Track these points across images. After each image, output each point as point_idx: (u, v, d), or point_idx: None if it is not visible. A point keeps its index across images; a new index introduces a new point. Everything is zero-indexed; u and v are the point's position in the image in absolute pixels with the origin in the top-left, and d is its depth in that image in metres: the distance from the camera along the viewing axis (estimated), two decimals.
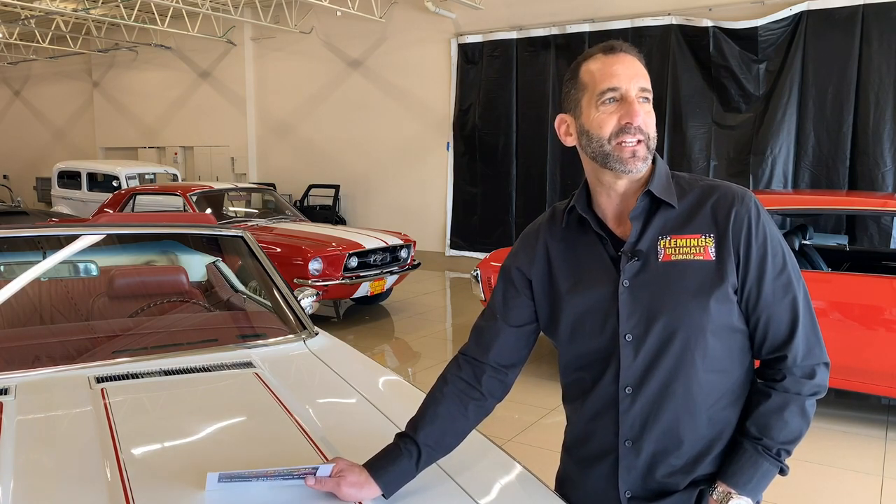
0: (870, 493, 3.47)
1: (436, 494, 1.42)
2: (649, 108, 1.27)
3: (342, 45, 11.62)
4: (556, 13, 9.38)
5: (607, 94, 1.26)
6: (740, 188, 1.31)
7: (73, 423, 1.69)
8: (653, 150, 1.28)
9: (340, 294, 6.83)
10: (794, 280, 1.28)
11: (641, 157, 1.26)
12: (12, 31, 14.60)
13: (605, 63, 1.27)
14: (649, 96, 1.27)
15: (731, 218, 1.26)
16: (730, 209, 1.27)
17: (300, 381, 2.09)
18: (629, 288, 1.29)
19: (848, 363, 3.97)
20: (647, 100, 1.27)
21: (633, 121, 1.24)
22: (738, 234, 1.26)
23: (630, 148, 1.25)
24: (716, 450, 1.31)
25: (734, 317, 1.28)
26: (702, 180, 1.34)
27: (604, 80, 1.26)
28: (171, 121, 14.48)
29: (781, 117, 7.82)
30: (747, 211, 1.27)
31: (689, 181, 1.34)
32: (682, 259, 1.27)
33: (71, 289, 2.76)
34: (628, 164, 1.26)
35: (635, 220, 1.30)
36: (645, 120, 1.25)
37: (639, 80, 1.26)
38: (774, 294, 1.26)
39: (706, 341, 1.26)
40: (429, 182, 10.85)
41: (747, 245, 1.26)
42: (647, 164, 1.28)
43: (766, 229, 1.27)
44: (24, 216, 8.45)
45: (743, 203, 1.27)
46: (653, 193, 1.29)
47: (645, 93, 1.26)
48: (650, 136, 1.26)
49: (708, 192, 1.30)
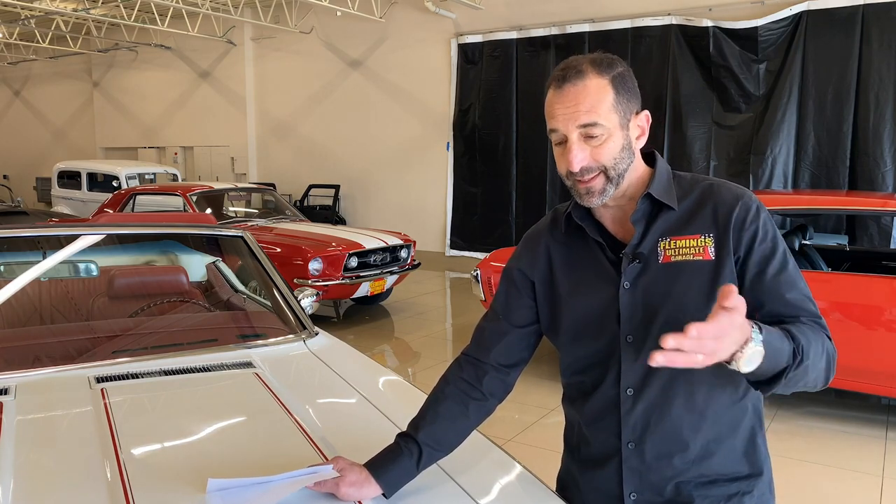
0: (870, 493, 3.46)
1: (436, 495, 1.42)
2: (599, 141, 1.21)
3: (342, 45, 11.62)
4: (556, 13, 9.38)
5: (553, 135, 1.26)
6: (741, 188, 1.30)
7: (73, 423, 1.69)
8: (619, 175, 1.24)
9: (340, 294, 6.83)
10: (796, 279, 1.26)
11: (597, 191, 1.25)
12: (12, 31, 14.60)
13: (551, 98, 1.25)
14: (595, 131, 1.20)
15: (731, 218, 1.25)
16: (730, 209, 1.26)
17: (300, 381, 2.09)
18: (630, 290, 1.29)
19: (848, 363, 3.97)
20: (591, 136, 1.21)
21: (571, 167, 1.23)
22: (738, 233, 1.25)
23: (583, 185, 1.25)
24: (721, 450, 1.31)
25: None
26: (703, 180, 1.32)
27: (549, 118, 1.26)
28: (171, 121, 14.48)
29: (781, 117, 7.82)
30: (747, 211, 1.25)
31: (690, 181, 1.33)
32: (682, 260, 1.26)
33: (71, 289, 2.76)
34: (584, 199, 1.27)
35: (637, 224, 1.29)
36: (593, 157, 1.22)
37: (578, 116, 1.20)
38: (776, 291, 1.24)
39: None
40: (429, 182, 10.85)
41: (747, 245, 1.24)
42: (610, 193, 1.26)
43: (766, 229, 1.26)
44: (24, 216, 8.44)
45: (743, 203, 1.26)
46: (653, 196, 1.29)
47: (589, 128, 1.21)
48: (606, 166, 1.23)
49: (708, 193, 1.29)
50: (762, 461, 1.35)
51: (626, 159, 1.25)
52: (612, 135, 1.22)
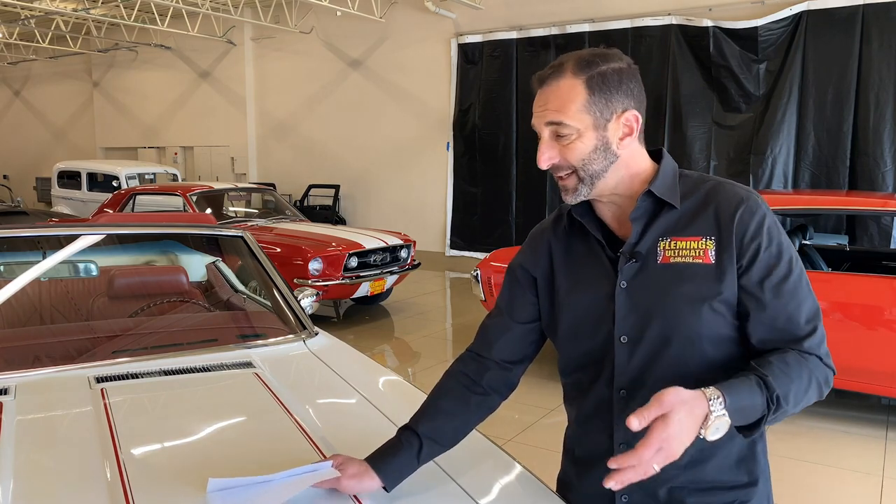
0: (870, 493, 3.46)
1: (436, 495, 1.42)
2: (567, 140, 1.21)
3: (342, 45, 11.62)
4: (556, 13, 9.38)
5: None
6: (746, 190, 1.26)
7: (73, 423, 1.69)
8: (590, 176, 1.23)
9: (340, 294, 6.83)
10: (801, 286, 1.21)
11: (571, 189, 1.25)
12: (12, 31, 14.61)
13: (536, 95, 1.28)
14: (562, 130, 1.21)
15: (734, 220, 1.21)
16: (734, 211, 1.22)
17: (300, 381, 2.09)
18: (626, 289, 1.27)
19: (848, 363, 3.97)
20: (560, 135, 1.22)
21: (539, 164, 1.25)
22: (741, 237, 1.21)
23: (560, 183, 1.27)
24: (715, 457, 1.29)
25: (732, 325, 1.24)
26: (708, 180, 1.29)
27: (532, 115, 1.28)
28: (171, 121, 14.49)
29: (781, 117, 7.82)
30: (752, 213, 1.21)
31: (695, 181, 1.30)
32: (681, 262, 1.23)
33: (71, 289, 2.76)
34: (563, 196, 1.28)
35: (636, 222, 1.27)
36: (562, 156, 1.23)
37: (546, 115, 1.22)
38: (779, 299, 1.20)
39: (702, 348, 1.23)
40: (429, 182, 10.85)
41: (752, 252, 1.20)
42: (583, 192, 1.25)
43: (772, 233, 1.21)
44: (24, 216, 8.44)
45: (748, 205, 1.22)
46: (654, 194, 1.26)
47: (556, 127, 1.22)
48: (576, 166, 1.23)
49: (713, 193, 1.26)
50: (760, 471, 1.32)
51: (600, 160, 1.23)
52: (583, 135, 1.21)
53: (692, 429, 1.03)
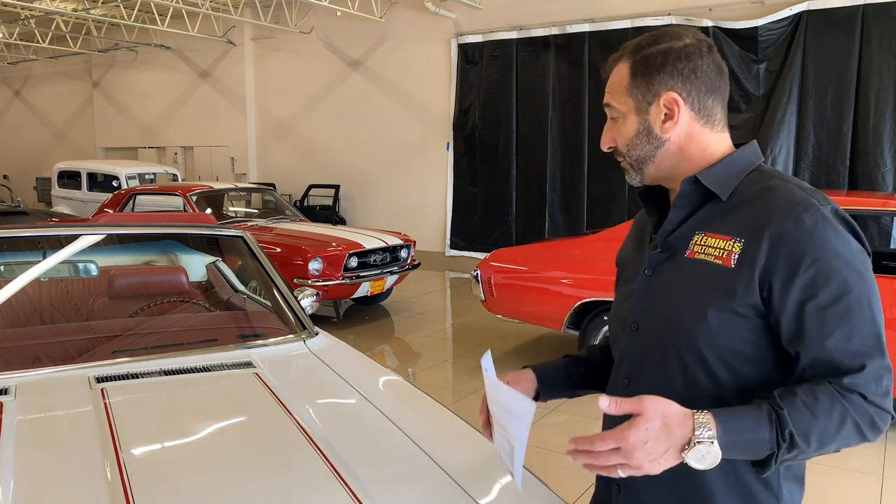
0: (870, 493, 3.47)
1: (436, 495, 1.42)
2: (616, 124, 1.22)
3: (342, 45, 11.62)
4: (556, 13, 9.37)
5: None
6: (810, 195, 1.09)
7: (73, 423, 1.69)
8: (636, 161, 1.22)
9: (340, 294, 6.83)
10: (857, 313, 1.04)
11: (628, 173, 1.25)
12: (12, 31, 14.60)
13: None
14: (612, 113, 1.22)
15: (770, 226, 1.07)
16: (776, 216, 1.07)
17: (300, 381, 2.09)
18: (649, 278, 1.22)
19: None
20: (612, 118, 1.23)
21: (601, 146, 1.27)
22: (776, 247, 1.06)
23: (622, 166, 1.26)
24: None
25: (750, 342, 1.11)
26: (776, 178, 1.15)
27: None
28: (171, 121, 14.49)
29: (781, 117, 7.83)
30: (798, 222, 1.06)
31: (765, 176, 1.16)
32: (704, 259, 1.14)
33: (71, 289, 2.76)
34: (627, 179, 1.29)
35: (676, 209, 1.19)
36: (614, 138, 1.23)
37: (605, 97, 1.23)
38: (822, 325, 1.04)
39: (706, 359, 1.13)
40: (429, 182, 10.85)
41: (789, 264, 1.05)
42: (635, 177, 1.24)
43: (825, 247, 1.05)
44: (24, 216, 8.44)
45: (797, 212, 1.06)
46: (700, 181, 1.16)
47: (608, 109, 1.23)
48: (621, 151, 1.23)
49: (766, 192, 1.12)
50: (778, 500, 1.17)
51: (643, 145, 1.19)
52: (626, 119, 1.20)
53: (666, 448, 0.97)
